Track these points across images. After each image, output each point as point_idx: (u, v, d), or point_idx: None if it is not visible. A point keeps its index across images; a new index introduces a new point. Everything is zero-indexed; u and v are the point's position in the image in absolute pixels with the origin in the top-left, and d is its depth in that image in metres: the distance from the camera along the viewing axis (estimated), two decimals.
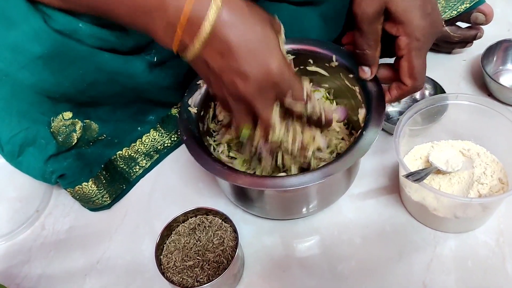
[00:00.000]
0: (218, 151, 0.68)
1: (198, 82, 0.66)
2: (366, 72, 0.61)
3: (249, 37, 0.48)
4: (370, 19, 0.54)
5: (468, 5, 0.76)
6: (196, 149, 0.59)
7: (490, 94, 0.80)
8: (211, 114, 0.68)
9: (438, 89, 0.78)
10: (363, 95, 0.63)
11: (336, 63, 0.66)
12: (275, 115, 0.53)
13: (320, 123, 0.56)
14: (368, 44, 0.57)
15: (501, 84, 0.76)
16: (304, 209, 0.64)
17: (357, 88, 0.64)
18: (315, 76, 0.70)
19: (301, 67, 0.69)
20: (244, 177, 0.55)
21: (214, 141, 0.68)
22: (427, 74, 0.78)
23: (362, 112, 0.63)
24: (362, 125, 0.60)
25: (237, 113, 0.54)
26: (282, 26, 0.53)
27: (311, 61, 0.68)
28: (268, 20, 0.50)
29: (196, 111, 0.63)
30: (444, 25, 0.80)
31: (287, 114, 0.54)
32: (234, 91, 0.49)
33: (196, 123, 0.63)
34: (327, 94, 0.72)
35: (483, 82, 0.82)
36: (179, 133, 0.63)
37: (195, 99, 0.64)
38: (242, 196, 0.65)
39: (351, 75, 0.65)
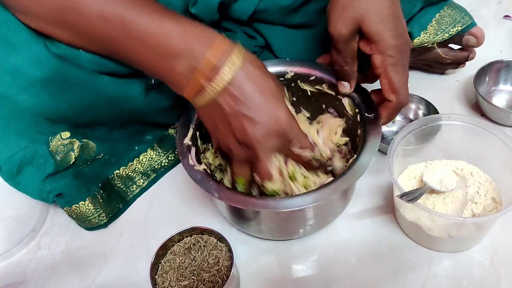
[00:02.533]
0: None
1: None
2: (346, 87, 0.64)
3: (263, 87, 0.53)
4: (345, 39, 0.57)
5: (460, 28, 0.78)
6: (192, 167, 0.60)
7: (483, 114, 0.81)
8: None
9: (431, 109, 0.79)
10: (359, 119, 0.64)
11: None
12: (275, 166, 0.56)
13: (324, 166, 0.61)
14: (346, 61, 0.60)
15: (493, 105, 0.77)
16: (300, 230, 0.64)
17: (351, 111, 0.66)
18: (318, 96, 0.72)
19: (317, 87, 0.70)
20: (240, 197, 0.56)
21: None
22: (420, 95, 0.80)
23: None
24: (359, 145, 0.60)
25: (236, 163, 0.58)
26: (284, 87, 0.60)
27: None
28: (276, 79, 0.56)
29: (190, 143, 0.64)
30: (437, 47, 0.82)
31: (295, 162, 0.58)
32: (241, 135, 0.53)
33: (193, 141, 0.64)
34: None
35: (475, 103, 0.83)
36: (176, 151, 0.63)
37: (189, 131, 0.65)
38: (238, 216, 0.65)
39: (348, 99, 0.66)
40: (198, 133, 0.65)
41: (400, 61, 0.57)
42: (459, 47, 0.83)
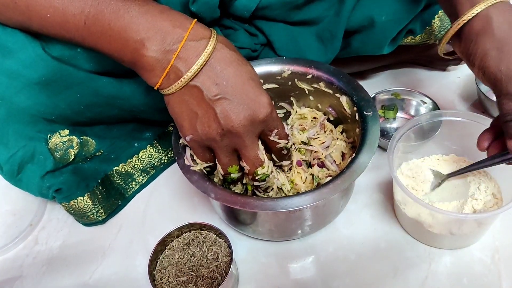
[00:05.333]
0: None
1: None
2: None
3: (243, 72, 0.51)
4: None
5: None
6: (188, 167, 0.59)
7: (484, 111, 0.81)
8: None
9: (432, 106, 0.78)
10: (358, 117, 0.63)
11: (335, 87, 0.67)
12: (263, 150, 0.56)
13: (290, 157, 0.62)
14: None
15: (494, 101, 0.76)
16: (299, 231, 0.64)
17: (351, 110, 0.65)
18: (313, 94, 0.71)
19: (314, 85, 0.69)
20: (237, 198, 0.55)
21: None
22: (422, 91, 0.80)
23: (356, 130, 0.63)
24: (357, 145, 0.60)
25: (221, 154, 0.55)
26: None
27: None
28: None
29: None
30: (439, 43, 0.81)
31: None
32: (225, 122, 0.50)
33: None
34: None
35: (477, 99, 0.83)
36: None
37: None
38: (235, 218, 0.64)
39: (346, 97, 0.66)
40: None
41: None
42: None
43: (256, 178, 0.57)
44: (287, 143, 0.58)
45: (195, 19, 0.52)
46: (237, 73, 0.51)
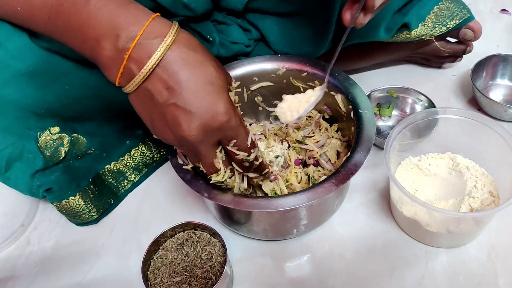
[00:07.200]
0: None
1: None
2: None
3: (199, 75, 0.47)
4: None
5: (457, 22, 0.77)
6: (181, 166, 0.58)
7: (480, 108, 0.81)
8: None
9: (428, 103, 0.78)
10: (353, 116, 0.63)
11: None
12: (219, 159, 0.52)
13: (258, 170, 0.57)
14: None
15: (490, 99, 0.76)
16: (294, 230, 0.63)
17: (346, 109, 0.65)
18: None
19: (309, 83, 0.69)
20: (230, 196, 0.54)
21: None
22: (417, 89, 0.79)
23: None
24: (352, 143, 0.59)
25: (188, 156, 0.54)
26: (233, 80, 0.55)
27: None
28: (221, 67, 0.50)
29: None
30: (434, 40, 0.81)
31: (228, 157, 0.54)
32: (176, 131, 0.47)
33: None
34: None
35: (472, 97, 0.83)
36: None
37: None
38: (229, 217, 0.63)
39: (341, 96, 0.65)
40: None
41: None
42: (456, 40, 0.82)
43: (211, 182, 0.55)
44: (248, 156, 0.53)
45: (156, 14, 0.48)
46: (191, 76, 0.46)
